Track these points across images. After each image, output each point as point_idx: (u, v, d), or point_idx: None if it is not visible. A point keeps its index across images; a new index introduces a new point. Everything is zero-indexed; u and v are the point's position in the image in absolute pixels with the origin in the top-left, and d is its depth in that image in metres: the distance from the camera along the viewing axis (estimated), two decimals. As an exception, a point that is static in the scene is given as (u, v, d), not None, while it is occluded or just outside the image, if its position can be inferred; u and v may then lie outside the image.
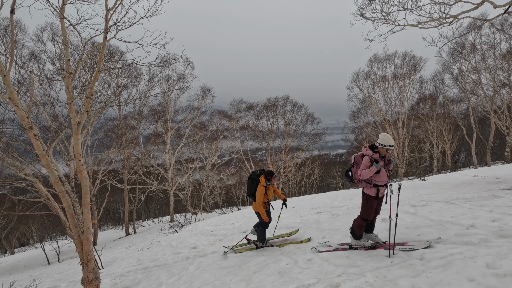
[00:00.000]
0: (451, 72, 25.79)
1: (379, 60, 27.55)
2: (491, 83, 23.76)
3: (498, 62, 23.38)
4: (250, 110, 30.63)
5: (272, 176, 5.35)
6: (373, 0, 8.96)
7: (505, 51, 22.68)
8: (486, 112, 24.65)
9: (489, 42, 23.22)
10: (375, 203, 3.91)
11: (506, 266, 2.76)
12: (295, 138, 30.43)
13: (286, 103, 29.71)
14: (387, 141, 3.70)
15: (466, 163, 36.01)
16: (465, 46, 24.01)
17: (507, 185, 6.90)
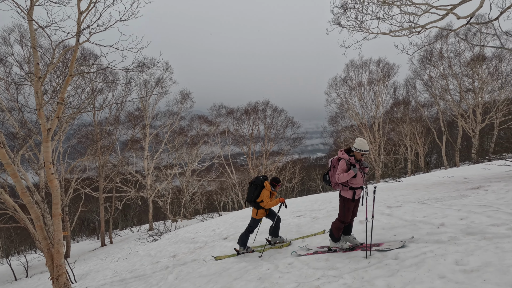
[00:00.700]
0: (421, 78, 27.18)
1: (355, 66, 28.53)
2: (458, 89, 25.28)
3: (463, 69, 24.95)
4: (231, 115, 30.60)
5: (278, 183, 5.40)
6: (347, 9, 9.28)
7: (469, 59, 24.26)
8: (454, 116, 26.13)
9: (455, 51, 24.76)
10: (352, 205, 4.01)
11: (473, 262, 2.92)
12: (275, 143, 30.69)
13: (266, 107, 29.99)
14: (362, 146, 3.83)
15: (438, 164, 37.83)
16: (433, 54, 25.44)
17: (473, 185, 7.32)
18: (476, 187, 6.79)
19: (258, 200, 5.25)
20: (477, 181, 8.07)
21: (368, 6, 9.07)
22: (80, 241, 28.46)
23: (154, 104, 23.64)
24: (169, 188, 27.58)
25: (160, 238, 12.07)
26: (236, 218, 11.21)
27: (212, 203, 37.64)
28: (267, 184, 5.24)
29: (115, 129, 20.81)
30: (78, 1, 5.29)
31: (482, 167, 12.15)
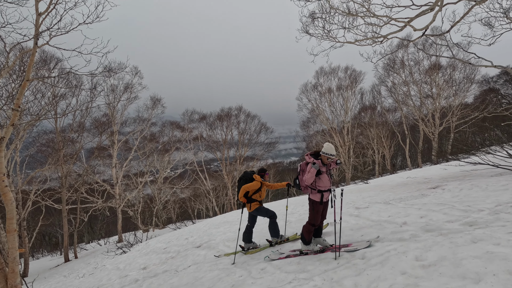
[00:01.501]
0: (386, 85, 28.84)
1: (325, 73, 29.62)
2: (418, 95, 27.14)
3: (422, 76, 26.86)
4: (203, 120, 30.29)
5: (265, 172, 5.48)
6: (315, 18, 9.64)
7: (427, 67, 26.19)
8: (416, 120, 27.93)
9: (415, 59, 26.64)
10: (321, 208, 4.14)
11: (430, 258, 3.12)
12: (249, 148, 30.82)
13: (240, 113, 30.08)
14: (329, 150, 3.98)
15: (402, 166, 40.06)
16: (396, 62, 27.13)
17: (432, 184, 7.85)
18: (435, 187, 7.29)
19: (249, 194, 5.33)
20: (436, 181, 8.66)
21: (334, 16, 9.50)
22: (40, 257, 26.37)
23: (123, 110, 22.75)
24: (140, 197, 26.54)
25: (130, 249, 11.55)
26: (210, 225, 11.05)
27: (186, 211, 36.75)
28: (257, 176, 5.33)
29: (79, 136, 19.69)
30: (36, 2, 5.00)
31: (441, 168, 13.07)
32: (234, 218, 11.12)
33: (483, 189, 5.58)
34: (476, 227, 3.63)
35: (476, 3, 7.93)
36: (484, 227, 3.55)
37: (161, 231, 22.64)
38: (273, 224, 5.43)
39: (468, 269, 2.67)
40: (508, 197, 4.53)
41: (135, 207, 25.74)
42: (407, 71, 26.97)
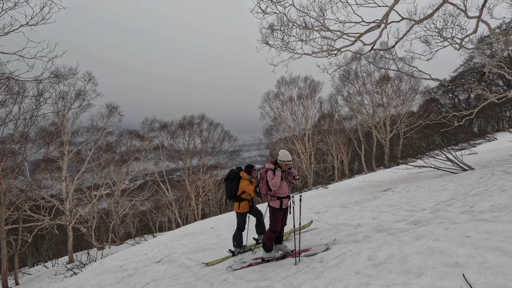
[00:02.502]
0: (342, 94, 30.67)
1: (286, 82, 30.63)
2: (371, 104, 29.25)
3: (374, 87, 29.05)
4: (165, 129, 29.32)
5: (252, 169, 5.36)
6: (274, 30, 9.98)
7: (378, 79, 28.42)
8: (369, 127, 29.98)
9: (367, 71, 28.77)
10: (280, 214, 4.22)
11: (381, 256, 3.34)
12: (213, 156, 30.45)
13: (202, 121, 29.69)
14: (285, 157, 4.12)
15: (359, 170, 42.51)
16: (350, 73, 29.04)
17: (384, 187, 8.45)
18: (386, 189, 7.84)
19: (238, 193, 5.22)
20: (387, 183, 9.33)
21: (292, 29, 9.93)
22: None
23: (75, 118, 21.13)
24: (94, 211, 24.63)
25: (82, 270, 10.61)
26: (172, 238, 10.62)
27: (146, 224, 34.88)
28: (244, 174, 5.22)
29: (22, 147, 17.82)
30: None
31: (392, 171, 14.13)
32: (197, 229, 10.83)
33: (426, 189, 6.14)
34: (419, 225, 3.97)
35: (416, 23, 8.85)
36: (426, 225, 3.90)
37: (119, 247, 21.18)
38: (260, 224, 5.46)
39: (412, 264, 2.90)
40: (445, 196, 5.04)
41: (88, 223, 23.79)
42: (361, 82, 29.00)
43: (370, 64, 27.19)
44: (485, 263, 2.49)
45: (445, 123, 13.81)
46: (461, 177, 6.47)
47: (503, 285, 2.12)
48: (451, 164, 8.59)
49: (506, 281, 2.15)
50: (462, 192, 4.97)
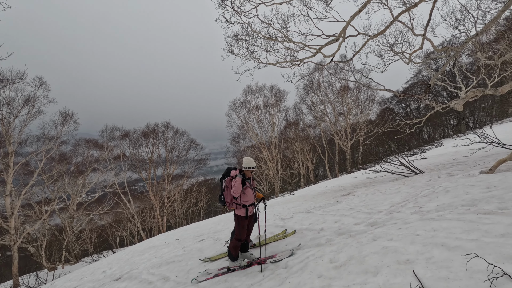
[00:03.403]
0: (306, 103, 31.82)
1: (252, 91, 31.05)
2: (333, 112, 30.69)
3: (335, 96, 30.57)
4: (126, 137, 27.94)
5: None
6: (239, 39, 10.12)
7: (339, 89, 29.99)
8: (332, 135, 31.37)
9: (329, 81, 30.23)
10: (246, 222, 4.22)
11: (342, 258, 3.48)
12: (178, 165, 29.60)
13: (167, 129, 28.84)
14: (249, 164, 4.15)
15: (323, 176, 44.08)
16: (313, 83, 30.30)
17: (346, 192, 8.86)
18: (347, 194, 8.23)
19: None
20: (348, 188, 9.79)
21: (257, 39, 10.15)
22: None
23: (22, 126, 19.29)
24: (45, 229, 22.48)
25: (29, 294, 9.58)
26: (133, 252, 10.06)
27: (106, 240, 32.56)
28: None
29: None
30: None
31: (353, 176, 14.85)
32: (161, 242, 10.39)
33: (382, 193, 6.54)
34: (376, 227, 4.21)
35: (370, 38, 9.54)
36: (382, 226, 4.15)
37: (74, 266, 19.49)
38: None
39: (369, 264, 3.06)
40: (399, 198, 5.42)
41: (38, 242, 21.61)
42: (323, 92, 30.39)
43: (331, 75, 28.64)
44: (431, 258, 2.71)
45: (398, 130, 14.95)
46: (413, 180, 7.01)
47: (446, 277, 2.32)
48: (404, 168, 9.27)
49: (448, 273, 2.36)
50: (413, 194, 5.38)
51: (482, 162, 7.39)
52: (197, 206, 36.64)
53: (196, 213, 37.31)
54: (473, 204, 3.75)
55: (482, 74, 12.72)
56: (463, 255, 2.50)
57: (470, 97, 8.45)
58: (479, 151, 9.47)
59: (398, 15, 8.24)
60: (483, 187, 4.32)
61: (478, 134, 9.66)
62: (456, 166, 7.95)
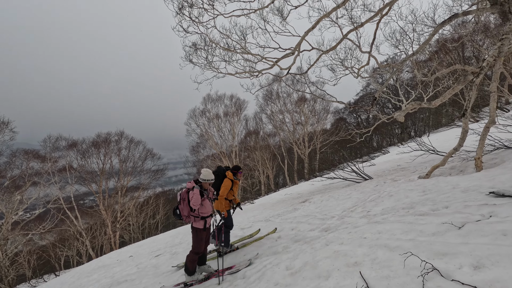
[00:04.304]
0: (266, 113, 32.52)
1: (212, 100, 30.89)
2: (291, 122, 31.79)
3: (293, 106, 31.76)
4: (74, 148, 25.72)
5: (238, 171, 5.32)
6: (198, 49, 10.08)
7: (297, 99, 31.24)
8: (291, 143, 32.39)
9: (287, 92, 31.34)
10: (204, 234, 4.15)
11: (297, 265, 3.58)
12: (133, 177, 28.01)
13: (121, 139, 27.24)
14: (207, 176, 4.11)
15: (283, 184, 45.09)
16: (272, 93, 31.17)
17: (303, 199, 9.18)
18: (304, 201, 8.53)
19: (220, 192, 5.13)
20: (305, 195, 10.15)
21: (215, 49, 10.21)
22: None
23: None
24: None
25: None
26: (80, 274, 9.19)
27: (48, 262, 29.17)
28: (229, 173, 5.16)
29: None
30: None
31: (310, 183, 15.44)
32: (112, 260, 9.66)
33: (335, 199, 6.91)
34: (329, 232, 4.43)
35: (323, 53, 10.18)
36: (334, 231, 4.38)
37: (7, 295, 17.09)
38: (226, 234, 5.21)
39: (322, 269, 3.20)
40: (350, 204, 5.78)
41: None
42: (282, 102, 31.40)
43: (288, 86, 29.79)
44: (376, 259, 2.93)
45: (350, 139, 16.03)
46: (362, 186, 7.53)
47: (387, 275, 2.53)
48: (355, 175, 9.92)
49: (389, 272, 2.58)
50: (362, 199, 5.78)
51: (420, 168, 8.21)
52: (154, 219, 34.83)
53: (153, 227, 35.40)
54: (411, 207, 4.15)
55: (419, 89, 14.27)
56: (401, 254, 2.75)
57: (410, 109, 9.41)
58: (418, 157, 10.52)
59: (347, 33, 8.94)
60: (420, 191, 4.81)
61: (417, 142, 10.76)
62: (399, 172, 8.73)
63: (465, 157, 6.95)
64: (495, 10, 6.29)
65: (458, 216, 3.19)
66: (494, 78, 5.70)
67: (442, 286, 2.09)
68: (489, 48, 19.15)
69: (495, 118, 5.76)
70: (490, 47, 18.05)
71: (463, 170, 6.00)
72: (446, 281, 2.13)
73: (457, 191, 4.11)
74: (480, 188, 3.91)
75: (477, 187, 4.00)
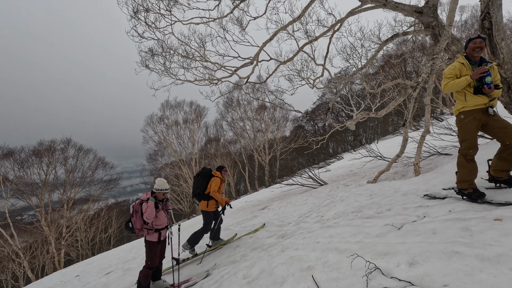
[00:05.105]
0: (226, 120, 32.50)
1: (171, 106, 30.02)
2: (252, 129, 32.17)
3: (254, 114, 32.21)
4: (10, 157, 22.93)
5: (222, 169, 5.55)
6: (155, 54, 9.79)
7: (257, 107, 31.77)
8: (251, 150, 32.70)
9: (247, 100, 31.74)
10: (159, 248, 3.99)
11: (254, 273, 3.61)
12: (82, 188, 25.81)
13: (68, 147, 25.00)
14: (162, 186, 3.99)
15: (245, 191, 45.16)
16: (233, 101, 31.32)
17: (262, 206, 9.30)
18: (264, 208, 8.65)
19: (207, 191, 5.24)
20: (265, 202, 10.30)
21: (173, 55, 10.01)
22: None
23: None
24: None
25: None
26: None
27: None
28: (217, 172, 5.35)
29: None
30: None
31: (270, 190, 15.69)
32: (55, 282, 8.75)
33: (293, 205, 7.13)
34: (286, 238, 4.55)
35: (281, 63, 10.56)
36: (291, 237, 4.51)
37: None
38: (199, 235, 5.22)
39: (278, 275, 3.27)
40: (306, 209, 6.01)
41: None
42: (242, 109, 31.68)
43: (248, 94, 30.24)
44: (327, 262, 3.09)
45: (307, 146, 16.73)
46: (318, 192, 7.88)
47: (337, 277, 2.68)
48: (312, 180, 10.34)
49: (338, 274, 2.74)
50: (317, 204, 6.05)
51: (370, 173, 8.86)
52: (107, 233, 32.32)
53: (105, 241, 32.80)
54: (359, 211, 4.46)
55: (368, 100, 15.45)
56: (348, 257, 2.94)
57: (360, 118, 10.14)
58: (368, 163, 11.34)
59: (303, 46, 9.40)
60: (367, 195, 5.20)
61: (367, 149, 11.60)
62: (351, 177, 9.31)
63: (407, 162, 7.67)
64: (428, 32, 7.12)
65: (398, 217, 3.51)
66: (428, 92, 6.42)
67: (383, 284, 2.28)
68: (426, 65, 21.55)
69: (429, 128, 6.48)
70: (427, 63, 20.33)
71: (404, 175, 6.62)
72: (387, 279, 2.33)
73: (399, 195, 4.52)
74: (417, 191, 4.35)
75: (415, 190, 4.44)
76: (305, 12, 8.18)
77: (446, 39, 5.54)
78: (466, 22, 23.23)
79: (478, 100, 3.02)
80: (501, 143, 3.02)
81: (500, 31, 5.33)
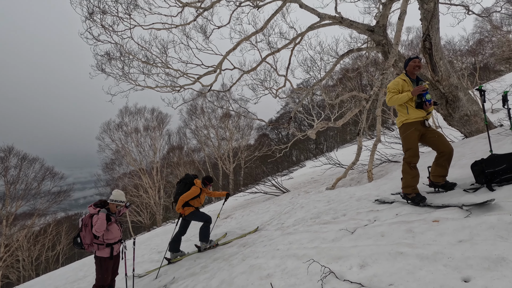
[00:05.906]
0: (190, 128, 31.86)
1: (130, 113, 28.67)
2: (216, 137, 31.90)
3: (218, 122, 32.04)
4: None
5: (210, 183, 5.51)
6: (112, 58, 9.34)
7: (221, 115, 31.66)
8: (216, 159, 32.34)
9: (212, 107, 31.51)
10: (111, 264, 3.73)
11: (214, 284, 3.52)
12: (26, 201, 23.29)
13: (9, 156, 22.50)
14: (118, 197, 3.77)
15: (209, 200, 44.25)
16: (197, 108, 30.87)
17: (226, 215, 9.18)
18: (227, 217, 8.55)
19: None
20: (228, 211, 10.19)
21: (133, 60, 9.63)
22: None
23: None
24: None
25: None
26: None
27: None
28: (198, 181, 5.24)
29: None
30: None
31: (234, 199, 15.59)
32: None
33: (255, 213, 7.16)
34: (247, 247, 4.54)
35: (244, 73, 10.70)
36: (252, 245, 4.51)
37: None
38: (205, 229, 5.22)
39: (237, 285, 3.24)
40: (268, 217, 6.07)
41: None
42: (207, 117, 31.34)
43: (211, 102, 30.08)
44: (286, 269, 3.14)
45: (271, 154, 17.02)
46: (280, 199, 8.01)
47: (294, 283, 2.74)
48: (275, 188, 10.50)
49: (296, 280, 2.79)
50: (279, 212, 6.15)
51: (329, 179, 9.25)
52: (54, 251, 29.34)
53: (53, 260, 29.70)
54: (318, 217, 4.62)
55: (328, 110, 16.22)
56: (305, 262, 3.02)
57: (320, 127, 10.59)
58: (328, 170, 11.84)
59: (265, 56, 9.64)
60: (325, 201, 5.41)
61: (326, 157, 12.11)
62: (312, 184, 9.64)
63: (362, 169, 8.16)
64: (378, 49, 7.75)
65: (352, 222, 3.70)
66: (379, 104, 6.95)
67: (336, 287, 2.38)
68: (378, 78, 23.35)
69: (380, 137, 6.99)
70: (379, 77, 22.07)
71: (359, 181, 7.02)
72: (340, 282, 2.43)
73: (353, 200, 4.77)
74: (369, 197, 4.64)
75: (367, 196, 4.73)
76: (268, 24, 8.44)
77: (394, 57, 6.07)
78: (412, 42, 25.77)
79: (418, 114, 3.35)
80: (437, 151, 3.38)
81: (438, 51, 5.99)
